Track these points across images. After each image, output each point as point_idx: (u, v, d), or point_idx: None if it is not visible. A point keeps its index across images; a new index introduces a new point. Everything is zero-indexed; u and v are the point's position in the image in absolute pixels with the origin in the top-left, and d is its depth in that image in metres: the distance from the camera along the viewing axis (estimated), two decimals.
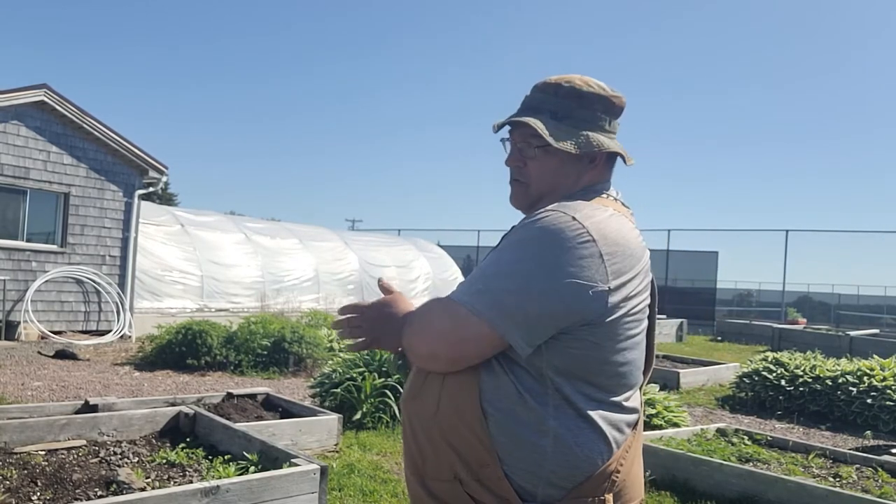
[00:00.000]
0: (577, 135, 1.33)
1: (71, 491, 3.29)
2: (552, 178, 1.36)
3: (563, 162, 1.35)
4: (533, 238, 1.21)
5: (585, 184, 1.38)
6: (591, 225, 1.21)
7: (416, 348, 1.28)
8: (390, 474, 4.44)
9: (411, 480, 1.34)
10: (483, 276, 1.24)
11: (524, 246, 1.21)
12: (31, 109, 10.25)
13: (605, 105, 1.37)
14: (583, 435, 1.20)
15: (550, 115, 1.35)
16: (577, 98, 1.36)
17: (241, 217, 18.13)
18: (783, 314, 20.81)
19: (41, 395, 6.39)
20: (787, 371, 7.60)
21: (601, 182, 1.40)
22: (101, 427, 4.19)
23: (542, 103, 1.37)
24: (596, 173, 1.39)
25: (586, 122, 1.35)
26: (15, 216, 10.35)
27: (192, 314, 11.31)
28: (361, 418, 5.53)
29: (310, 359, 8.49)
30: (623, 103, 1.41)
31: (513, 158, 1.40)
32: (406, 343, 1.29)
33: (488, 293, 1.20)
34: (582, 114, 1.35)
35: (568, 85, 1.36)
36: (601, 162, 1.39)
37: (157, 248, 12.46)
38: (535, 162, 1.37)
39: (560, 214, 1.22)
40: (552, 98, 1.37)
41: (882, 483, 4.22)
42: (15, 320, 10.03)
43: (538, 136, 1.33)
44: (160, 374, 7.89)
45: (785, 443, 5.08)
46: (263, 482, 3.22)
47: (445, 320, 1.24)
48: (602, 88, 1.38)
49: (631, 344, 1.25)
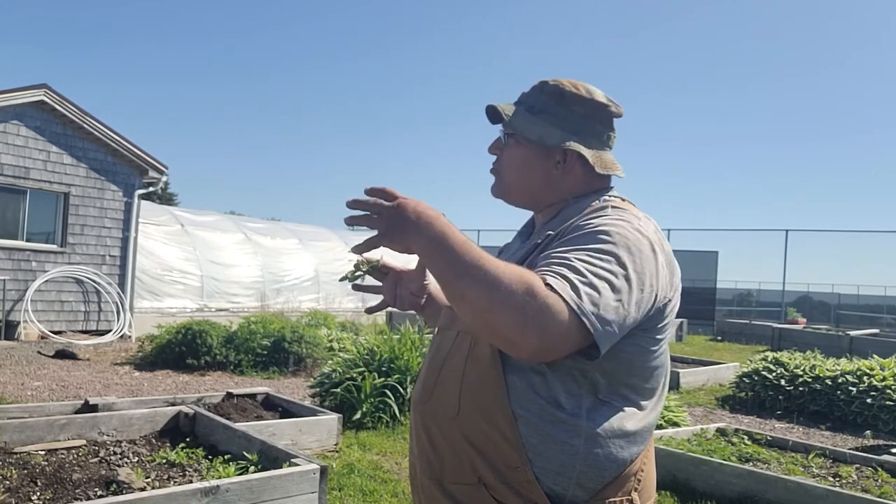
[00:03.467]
0: (544, 128, 1.33)
1: (71, 491, 3.29)
2: (518, 169, 1.36)
3: (529, 155, 1.34)
4: (620, 244, 1.14)
5: (567, 190, 1.34)
6: (653, 234, 1.21)
7: (520, 334, 1.03)
8: (390, 474, 4.44)
9: (427, 485, 1.28)
10: (583, 273, 1.09)
11: (614, 251, 1.13)
12: (31, 109, 10.25)
13: (589, 108, 1.34)
14: (614, 435, 1.19)
15: (526, 108, 1.35)
16: (558, 96, 1.35)
17: (241, 217, 18.15)
18: (783, 314, 20.80)
19: (41, 395, 6.39)
20: (787, 371, 7.60)
21: (598, 191, 1.35)
22: (101, 427, 4.19)
23: (524, 97, 1.39)
24: (575, 180, 1.34)
25: (561, 120, 1.33)
26: (15, 216, 10.35)
27: (192, 314, 11.31)
28: (361, 418, 5.53)
29: (310, 358, 8.49)
30: (616, 112, 1.37)
31: (492, 146, 1.42)
32: (503, 316, 1.04)
33: (598, 300, 1.07)
34: (558, 111, 1.34)
35: (553, 84, 1.36)
36: (573, 165, 1.33)
37: (157, 248, 12.46)
38: (506, 150, 1.37)
39: (632, 218, 1.22)
40: (536, 94, 1.37)
41: (882, 483, 4.22)
42: (15, 320, 10.03)
43: (509, 124, 1.35)
44: (160, 374, 7.89)
45: (785, 442, 5.07)
46: (263, 482, 3.22)
47: (554, 314, 1.03)
48: (590, 92, 1.35)
49: (666, 348, 1.28)
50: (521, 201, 1.41)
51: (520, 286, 1.04)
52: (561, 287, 1.05)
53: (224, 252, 13.67)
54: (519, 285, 1.04)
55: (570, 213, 1.31)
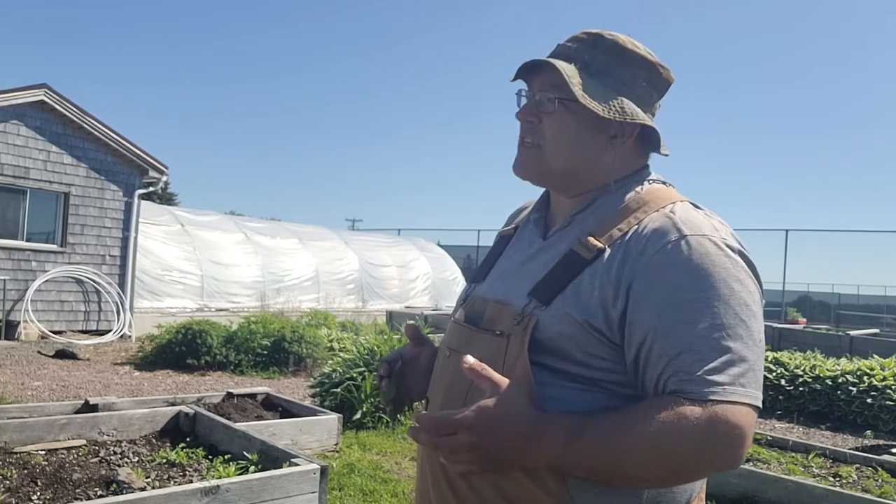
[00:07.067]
0: (612, 96, 1.06)
1: (71, 491, 3.29)
2: (570, 143, 1.08)
3: (582, 127, 1.07)
4: (736, 299, 0.94)
5: (611, 170, 1.10)
6: (741, 256, 1.00)
7: (720, 468, 0.92)
8: (390, 474, 4.44)
9: None
10: (720, 339, 0.92)
11: (737, 313, 0.93)
12: (31, 109, 10.24)
13: (652, 74, 1.11)
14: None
15: (583, 67, 1.08)
16: (620, 55, 1.09)
17: (241, 217, 18.16)
18: (783, 314, 20.80)
19: (41, 395, 6.39)
20: (787, 371, 7.59)
21: (636, 172, 1.13)
22: (101, 427, 4.19)
23: (574, 52, 1.10)
24: (622, 159, 1.10)
25: (625, 85, 1.08)
26: (15, 216, 10.34)
27: (192, 314, 11.31)
28: (361, 418, 5.53)
29: (310, 358, 8.49)
30: (671, 78, 1.14)
31: (525, 111, 1.11)
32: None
33: (751, 370, 0.92)
34: (622, 74, 1.08)
35: (611, 38, 1.10)
36: (629, 140, 1.10)
37: (157, 248, 12.46)
38: (552, 119, 1.08)
39: (716, 236, 0.99)
40: (589, 49, 1.09)
41: (882, 483, 4.22)
42: (15, 320, 10.03)
43: (562, 85, 1.05)
44: (160, 374, 7.89)
45: (785, 442, 5.07)
46: (263, 482, 3.22)
47: (733, 429, 0.89)
48: (650, 53, 1.11)
49: None
50: (563, 182, 1.13)
51: (689, 436, 0.87)
52: (725, 393, 0.89)
53: (224, 252, 13.67)
54: (687, 435, 0.87)
55: (608, 205, 1.08)
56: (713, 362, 0.90)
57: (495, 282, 1.16)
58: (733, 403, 0.88)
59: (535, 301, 1.03)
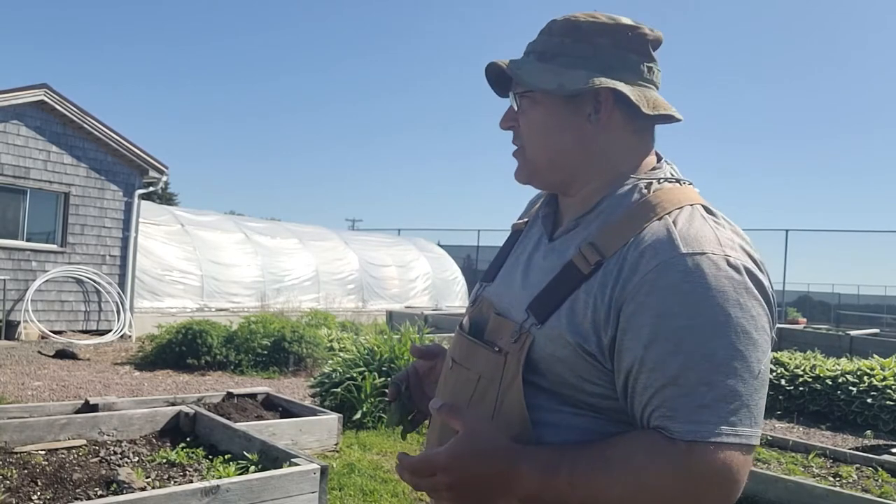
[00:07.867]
0: (563, 73, 1.01)
1: (71, 490, 3.29)
2: (542, 133, 1.04)
3: (550, 114, 1.03)
4: (724, 306, 0.87)
5: (609, 156, 1.03)
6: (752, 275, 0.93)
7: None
8: (390, 474, 4.44)
9: None
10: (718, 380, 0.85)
11: (722, 321, 0.86)
12: (31, 109, 10.25)
13: (618, 37, 1.02)
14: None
15: (536, 57, 1.05)
16: (573, 31, 1.03)
17: (241, 217, 18.17)
18: (783, 314, 20.79)
19: (41, 395, 6.39)
20: (787, 371, 7.59)
21: (651, 169, 1.04)
22: (102, 427, 4.19)
23: (531, 46, 1.08)
24: (617, 140, 1.03)
25: (584, 59, 1.01)
26: (15, 216, 10.35)
27: (193, 314, 11.31)
28: (361, 418, 5.53)
29: (310, 358, 8.50)
30: (650, 34, 1.04)
31: (504, 119, 1.10)
32: None
33: (744, 406, 0.86)
34: (580, 49, 1.02)
35: (563, 20, 1.05)
36: (611, 114, 1.02)
37: (158, 248, 12.46)
38: (523, 116, 1.06)
39: (727, 256, 0.91)
40: (545, 37, 1.06)
41: (882, 483, 4.22)
42: (15, 320, 10.03)
43: (516, 81, 1.06)
44: (160, 374, 7.89)
45: (785, 442, 5.07)
46: (263, 482, 3.22)
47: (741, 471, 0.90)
48: (613, 19, 1.03)
49: None
50: (554, 179, 1.08)
51: (668, 478, 0.84)
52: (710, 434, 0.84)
53: (224, 252, 13.68)
54: (667, 477, 0.84)
55: (613, 208, 1.01)
56: (700, 399, 0.84)
57: (500, 286, 1.12)
58: (719, 445, 0.84)
59: (532, 317, 0.98)
